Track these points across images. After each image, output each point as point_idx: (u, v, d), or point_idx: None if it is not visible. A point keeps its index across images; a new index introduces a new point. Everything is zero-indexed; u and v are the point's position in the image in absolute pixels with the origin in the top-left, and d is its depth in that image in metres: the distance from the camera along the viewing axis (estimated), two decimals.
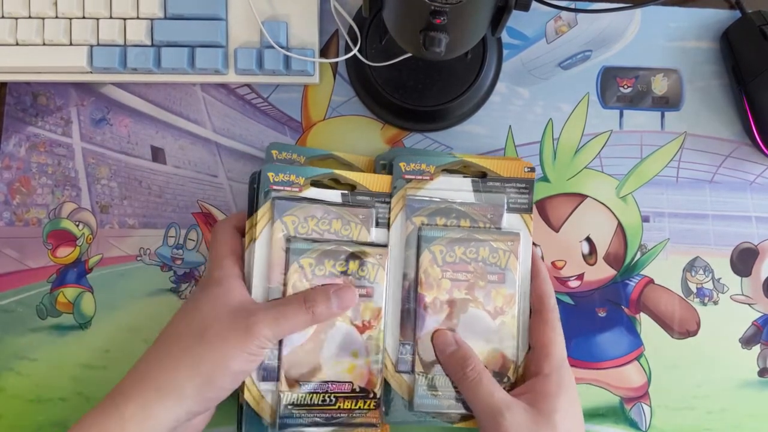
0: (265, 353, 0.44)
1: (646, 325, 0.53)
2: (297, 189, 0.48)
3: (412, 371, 0.48)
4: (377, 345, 0.48)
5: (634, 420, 0.52)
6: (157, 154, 0.55)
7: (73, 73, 0.53)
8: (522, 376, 0.48)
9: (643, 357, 0.53)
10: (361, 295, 0.48)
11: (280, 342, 0.46)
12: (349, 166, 0.52)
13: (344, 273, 0.48)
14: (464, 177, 0.50)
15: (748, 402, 0.53)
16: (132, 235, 0.54)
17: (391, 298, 0.49)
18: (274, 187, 0.48)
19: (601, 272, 0.54)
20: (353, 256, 0.48)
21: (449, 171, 0.50)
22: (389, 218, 0.49)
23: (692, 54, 0.56)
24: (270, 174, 0.48)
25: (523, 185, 0.50)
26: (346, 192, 0.49)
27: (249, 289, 0.47)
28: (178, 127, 0.55)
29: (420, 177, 0.50)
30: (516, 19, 0.55)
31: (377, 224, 0.49)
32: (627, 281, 0.54)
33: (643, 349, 0.53)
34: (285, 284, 0.47)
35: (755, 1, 0.56)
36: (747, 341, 0.54)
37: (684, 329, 0.53)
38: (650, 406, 0.52)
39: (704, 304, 0.54)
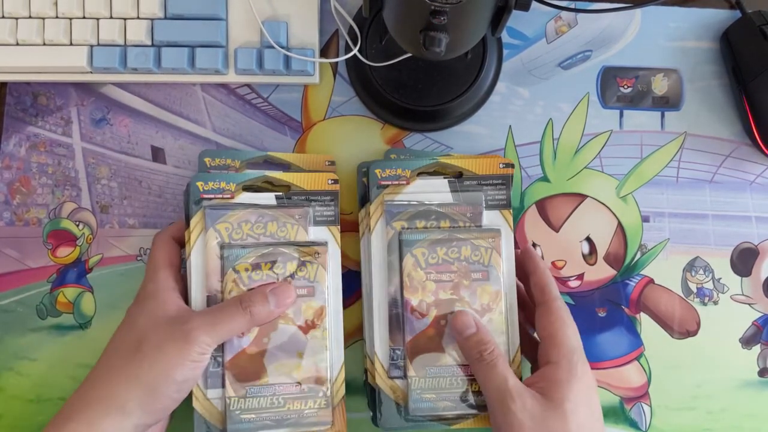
0: (208, 359, 0.44)
1: (646, 325, 0.53)
2: (229, 196, 0.48)
3: (405, 376, 0.48)
4: (323, 344, 0.47)
5: (634, 420, 0.52)
6: (157, 154, 0.55)
7: (73, 73, 0.53)
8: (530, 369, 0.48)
9: (643, 357, 0.53)
10: (301, 295, 0.47)
11: (223, 348, 0.46)
12: (287, 167, 0.52)
13: (282, 275, 0.47)
14: (441, 178, 0.50)
15: (748, 402, 0.53)
16: (132, 234, 0.54)
17: (378, 305, 0.48)
18: (205, 196, 0.48)
19: (601, 272, 0.54)
20: (290, 256, 0.48)
21: (426, 173, 0.50)
22: (370, 225, 0.49)
23: (692, 54, 0.56)
24: (199, 183, 0.48)
25: (500, 181, 0.50)
26: (280, 194, 0.49)
27: (188, 299, 0.47)
28: (178, 127, 0.55)
29: (396, 182, 0.49)
30: (516, 19, 0.55)
31: (315, 222, 0.49)
32: (627, 281, 0.54)
33: (643, 349, 0.53)
34: (222, 292, 0.47)
35: (755, 1, 0.56)
36: (747, 341, 0.54)
37: (684, 329, 0.54)
38: (650, 406, 0.52)
39: (704, 304, 0.54)
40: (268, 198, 0.49)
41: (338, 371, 0.48)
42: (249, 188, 0.49)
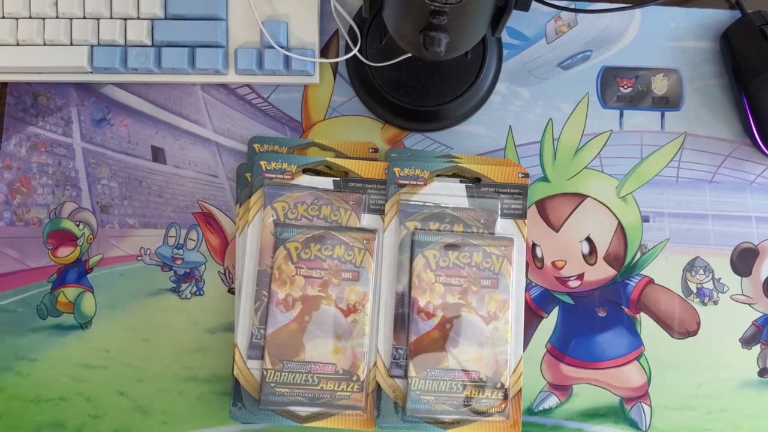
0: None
1: (646, 325, 0.53)
2: (289, 176, 0.50)
3: (405, 376, 0.48)
4: (362, 329, 0.48)
5: (634, 420, 0.52)
6: (158, 154, 0.55)
7: (74, 73, 0.53)
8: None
9: (643, 357, 0.53)
10: (346, 279, 0.48)
11: (266, 321, 0.48)
12: (335, 152, 0.53)
13: (329, 256, 0.49)
14: (458, 182, 0.50)
15: (748, 402, 0.53)
16: (132, 234, 0.54)
17: (384, 303, 0.49)
18: (267, 175, 0.50)
19: (601, 272, 0.54)
20: (339, 240, 0.49)
21: (444, 175, 0.50)
22: (384, 216, 0.49)
23: (692, 54, 0.56)
24: (263, 162, 0.50)
25: (517, 191, 0.50)
26: (338, 179, 0.51)
27: (241, 272, 0.48)
28: (178, 127, 0.55)
29: (414, 182, 0.50)
30: (516, 19, 0.55)
31: (369, 210, 0.50)
32: (627, 281, 0.54)
33: (643, 349, 0.53)
34: (272, 267, 0.49)
35: (755, 1, 0.56)
36: (747, 341, 0.54)
37: (684, 329, 0.53)
38: (650, 406, 0.52)
39: (704, 304, 0.54)
40: (326, 182, 0.51)
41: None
42: (308, 171, 0.51)
